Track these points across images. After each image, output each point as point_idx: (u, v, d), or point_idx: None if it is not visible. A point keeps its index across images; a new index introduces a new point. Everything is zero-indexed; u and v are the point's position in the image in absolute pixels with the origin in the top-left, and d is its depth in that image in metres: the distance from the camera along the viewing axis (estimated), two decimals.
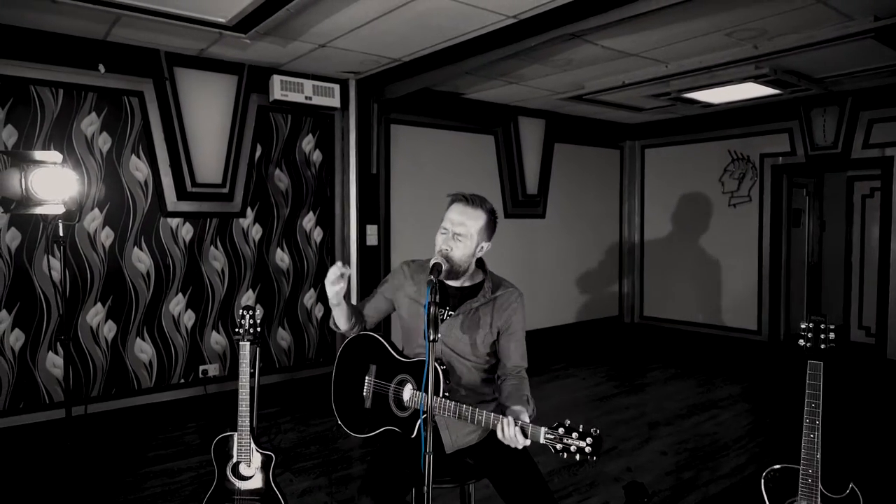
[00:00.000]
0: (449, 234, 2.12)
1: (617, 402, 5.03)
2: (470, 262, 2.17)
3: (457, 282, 2.23)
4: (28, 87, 3.94)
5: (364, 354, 2.29)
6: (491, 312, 2.19)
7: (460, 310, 2.18)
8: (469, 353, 2.18)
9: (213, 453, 2.61)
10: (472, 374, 2.20)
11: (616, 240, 7.87)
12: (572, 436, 1.74)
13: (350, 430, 2.25)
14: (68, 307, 4.13)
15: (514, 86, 5.52)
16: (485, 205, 2.17)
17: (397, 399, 2.16)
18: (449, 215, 2.15)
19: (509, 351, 2.20)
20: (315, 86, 4.91)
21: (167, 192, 4.48)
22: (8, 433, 3.91)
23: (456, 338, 2.17)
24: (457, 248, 2.11)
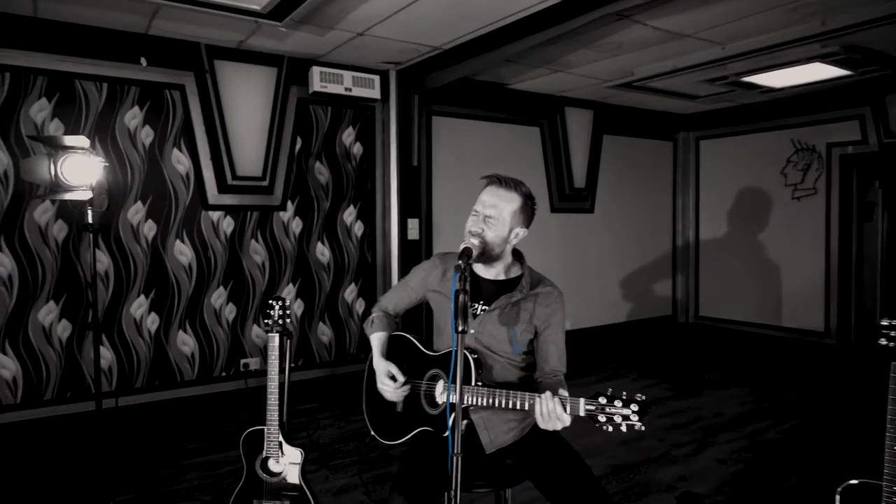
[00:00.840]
0: (479, 216, 1.98)
1: (670, 406, 4.75)
2: (504, 247, 2.02)
3: (491, 273, 2.08)
4: (73, 82, 4.00)
5: (392, 356, 2.17)
6: (531, 308, 2.03)
7: (496, 304, 2.03)
8: (504, 350, 2.03)
9: (242, 448, 2.53)
10: (507, 371, 2.05)
11: (669, 236, 7.53)
12: (615, 404, 1.58)
13: (383, 439, 2.14)
14: (113, 298, 4.17)
15: (560, 74, 5.30)
16: (520, 188, 2.02)
17: (429, 395, 2.03)
18: (481, 197, 2.02)
19: (547, 353, 2.04)
20: (355, 77, 4.83)
21: (208, 185, 4.48)
22: (55, 422, 3.98)
23: (490, 334, 2.02)
24: (488, 229, 1.96)
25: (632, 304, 7.10)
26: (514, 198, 1.99)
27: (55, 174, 2.26)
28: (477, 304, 2.06)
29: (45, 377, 3.97)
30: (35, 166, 2.26)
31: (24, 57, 3.82)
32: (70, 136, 2.32)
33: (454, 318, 1.69)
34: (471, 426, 2.01)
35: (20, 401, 3.89)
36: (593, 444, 3.77)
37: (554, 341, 2.03)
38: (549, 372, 2.02)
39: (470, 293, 2.04)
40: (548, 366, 2.03)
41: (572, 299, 6.52)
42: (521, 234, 2.03)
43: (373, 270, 5.27)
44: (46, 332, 3.97)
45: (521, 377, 2.07)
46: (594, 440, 3.79)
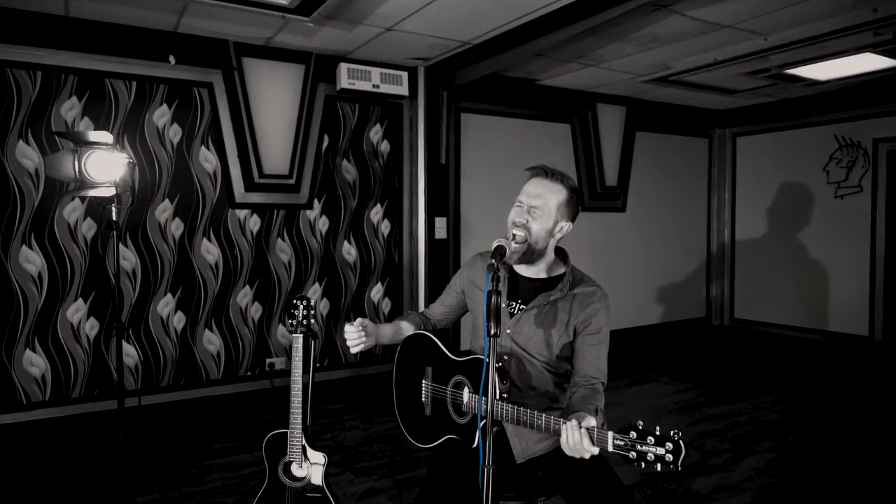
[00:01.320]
0: (524, 207, 1.91)
1: (705, 412, 4.57)
2: (548, 241, 1.93)
3: (532, 272, 1.98)
4: (103, 80, 4.00)
5: (419, 356, 2.09)
6: (569, 309, 1.92)
7: (534, 303, 1.93)
8: (541, 354, 1.92)
9: (265, 451, 2.47)
10: (543, 376, 1.94)
11: (704, 235, 7.30)
12: (647, 440, 1.43)
13: (415, 441, 2.04)
14: (140, 297, 4.18)
15: (592, 69, 5.15)
16: (566, 181, 1.94)
17: (455, 404, 1.93)
18: (525, 188, 1.95)
19: (583, 357, 1.90)
20: (383, 73, 4.76)
21: (235, 184, 4.46)
22: (82, 419, 3.99)
23: (527, 335, 1.92)
24: (533, 220, 1.89)
25: (664, 305, 6.90)
26: (560, 189, 1.91)
27: (79, 170, 2.23)
28: (515, 302, 1.97)
29: (72, 375, 3.99)
30: (60, 163, 2.24)
31: (56, 56, 3.84)
32: (94, 132, 2.30)
33: (486, 320, 1.60)
34: (501, 434, 1.91)
35: (48, 398, 3.91)
36: None
37: (593, 345, 1.90)
38: (583, 379, 1.89)
39: (508, 291, 1.99)
40: (581, 371, 1.90)
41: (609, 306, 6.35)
42: (566, 228, 1.94)
43: (399, 270, 5.20)
44: (74, 329, 3.99)
45: (558, 383, 1.96)
46: None
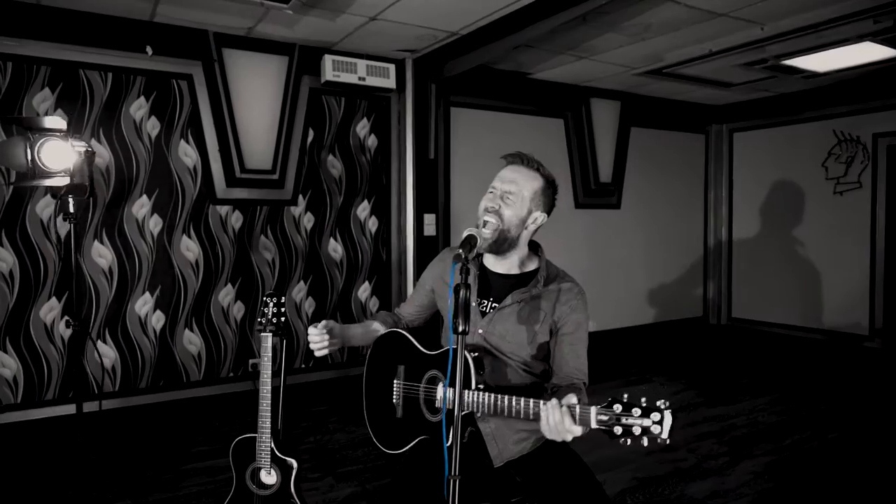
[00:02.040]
0: (497, 192, 1.81)
1: (702, 413, 4.45)
2: (520, 231, 1.81)
3: (503, 266, 1.87)
4: (78, 72, 3.87)
5: (391, 356, 1.96)
6: (545, 306, 1.81)
7: (506, 301, 1.81)
8: (516, 354, 1.81)
9: (232, 456, 2.34)
10: (518, 376, 1.82)
11: (701, 233, 7.17)
12: (632, 412, 1.34)
13: (384, 447, 1.91)
14: (117, 295, 4.04)
15: (585, 61, 5.03)
16: (543, 169, 1.87)
17: (428, 400, 1.81)
18: (500, 174, 1.86)
19: (562, 357, 1.79)
20: (369, 66, 4.63)
21: (216, 179, 4.33)
22: (55, 423, 3.86)
23: (500, 335, 1.81)
24: (506, 206, 1.79)
25: (660, 304, 6.78)
26: (536, 177, 1.84)
27: (32, 159, 2.09)
28: (486, 300, 1.86)
29: (45, 376, 3.86)
30: (11, 150, 2.10)
31: (27, 46, 3.71)
32: (48, 118, 2.17)
33: (451, 316, 1.48)
34: (477, 435, 1.79)
35: (20, 400, 3.78)
36: (617, 453, 3.50)
37: (571, 343, 1.80)
38: (565, 378, 1.78)
39: (478, 289, 1.87)
40: (562, 371, 1.79)
41: (597, 299, 6.22)
42: (541, 220, 1.84)
43: (387, 268, 5.07)
44: (48, 329, 3.85)
45: (535, 384, 1.84)
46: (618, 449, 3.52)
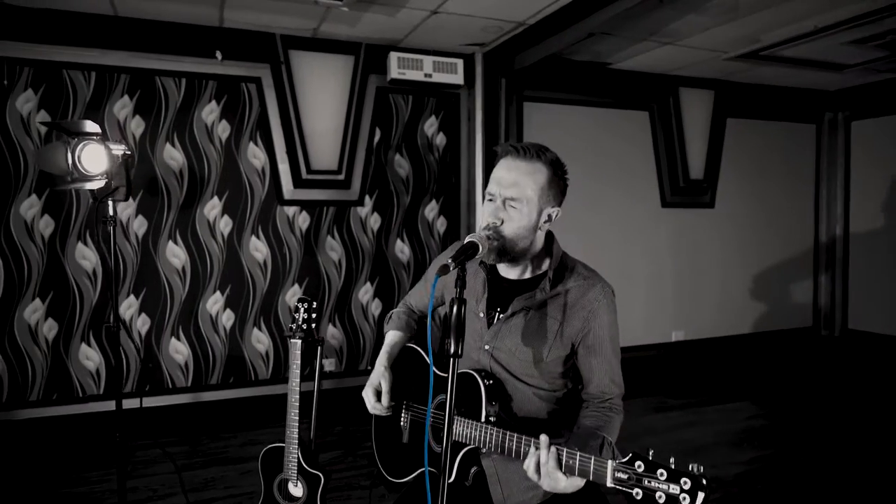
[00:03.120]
0: (498, 200, 1.53)
1: (787, 447, 3.93)
2: (532, 237, 1.56)
3: (515, 271, 1.62)
4: (154, 79, 4.03)
5: (402, 373, 1.78)
6: (558, 312, 1.55)
7: (512, 309, 1.57)
8: (528, 374, 1.56)
9: (261, 465, 2.29)
10: (531, 403, 1.58)
11: (809, 233, 6.44)
12: (657, 474, 1.09)
13: (387, 475, 1.76)
14: (189, 294, 4.18)
15: (670, 48, 4.62)
16: (544, 155, 1.56)
17: (436, 428, 1.61)
18: (495, 174, 1.56)
19: (589, 370, 1.56)
20: (435, 62, 4.50)
21: (284, 180, 4.37)
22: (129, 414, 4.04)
23: (508, 351, 1.57)
24: (510, 219, 1.51)
25: (760, 312, 6.15)
26: (539, 169, 1.54)
27: (73, 163, 2.14)
28: (494, 311, 1.62)
29: (125, 371, 4.04)
30: (52, 155, 2.16)
31: (108, 56, 3.90)
32: (86, 122, 2.21)
33: (453, 336, 1.29)
34: (480, 476, 1.57)
35: (103, 391, 3.97)
36: None
37: (598, 354, 1.54)
38: (595, 393, 1.56)
39: (489, 298, 1.64)
40: (591, 385, 1.56)
41: (686, 306, 5.80)
42: (555, 214, 1.59)
43: None
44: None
45: (553, 412, 1.59)
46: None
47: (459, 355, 1.28)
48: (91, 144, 2.18)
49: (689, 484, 1.05)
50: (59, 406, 3.91)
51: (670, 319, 5.70)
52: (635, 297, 5.50)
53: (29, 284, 3.81)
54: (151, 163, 4.04)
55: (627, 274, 5.44)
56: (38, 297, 3.84)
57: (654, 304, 5.62)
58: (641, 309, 5.54)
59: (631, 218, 5.51)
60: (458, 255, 1.37)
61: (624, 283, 5.43)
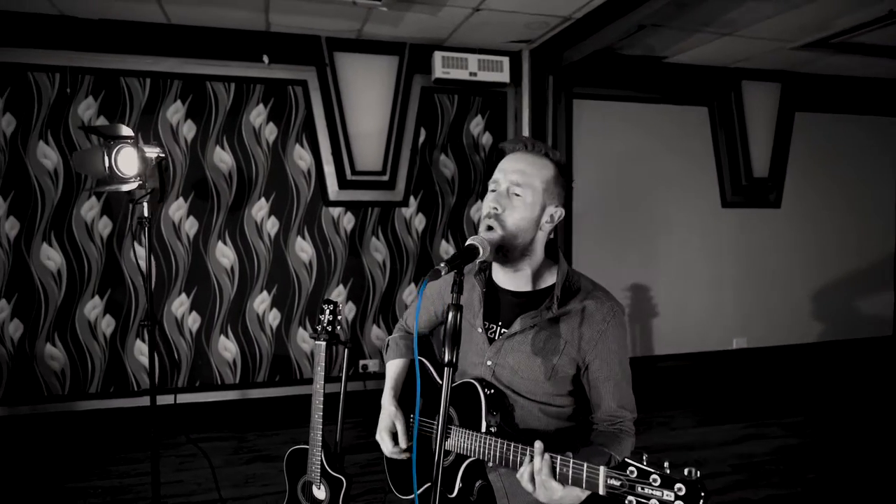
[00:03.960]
0: (501, 188, 1.47)
1: (831, 475, 3.63)
2: (533, 233, 1.47)
3: (514, 282, 1.54)
4: (205, 83, 4.15)
5: (410, 385, 1.73)
6: (563, 333, 1.47)
7: (514, 326, 1.49)
8: (533, 392, 1.49)
9: (286, 466, 2.29)
10: (540, 420, 1.50)
11: (891, 236, 5.96)
12: (651, 481, 1.02)
13: (395, 490, 1.71)
14: (237, 294, 4.28)
15: (728, 39, 4.36)
16: (552, 153, 1.51)
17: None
18: (501, 165, 1.52)
19: (600, 394, 1.47)
20: (481, 60, 4.43)
21: (329, 181, 4.41)
22: (184, 409, 4.18)
23: (512, 369, 1.50)
24: (512, 208, 1.44)
25: (831, 320, 5.73)
26: (546, 164, 1.49)
27: (110, 166, 2.21)
28: (494, 325, 1.54)
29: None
30: (89, 158, 2.24)
31: (162, 62, 4.04)
32: (122, 126, 2.27)
33: (448, 344, 1.23)
34: (487, 491, 1.50)
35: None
36: None
37: (607, 378, 1.46)
38: (605, 417, 1.47)
39: (485, 309, 1.57)
40: (600, 410, 1.47)
41: (747, 311, 5.47)
42: (558, 216, 1.50)
43: None
44: (178, 322, 4.18)
45: (562, 429, 1.51)
46: None
47: (454, 365, 1.22)
48: (126, 148, 2.24)
49: (683, 490, 0.98)
50: (115, 399, 4.08)
51: (731, 326, 5.40)
52: (693, 302, 5.24)
53: (89, 282, 4.00)
54: (202, 165, 4.16)
55: (685, 277, 5.20)
56: (98, 295, 4.03)
57: (714, 309, 5.33)
58: (699, 314, 5.27)
59: (688, 218, 5.26)
60: (454, 258, 1.30)
61: (681, 287, 5.21)
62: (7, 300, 3.88)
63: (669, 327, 5.12)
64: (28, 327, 3.92)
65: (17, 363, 3.91)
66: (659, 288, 5.14)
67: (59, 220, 3.93)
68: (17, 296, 3.89)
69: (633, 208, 5.07)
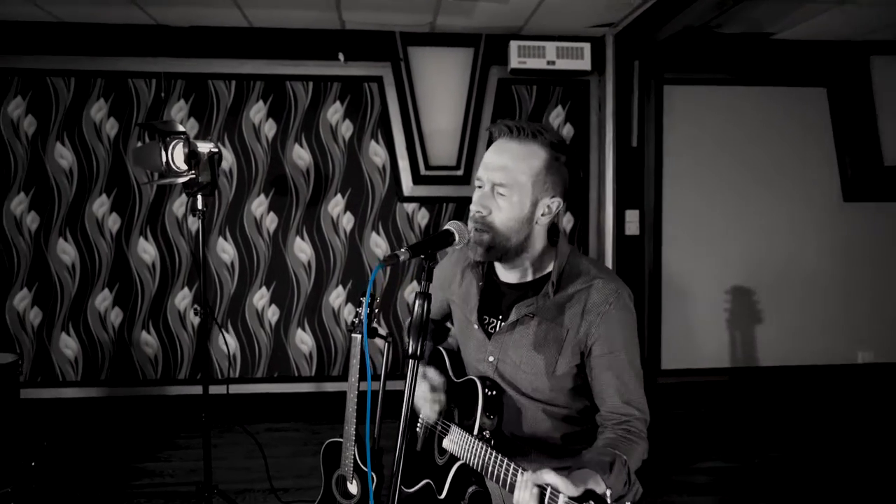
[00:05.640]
0: (486, 186, 1.37)
1: None
2: (527, 232, 1.38)
3: (514, 274, 1.46)
4: (284, 83, 4.28)
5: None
6: (566, 321, 1.37)
7: (512, 317, 1.41)
8: (536, 389, 1.39)
9: (322, 459, 2.26)
10: (542, 422, 1.38)
11: None
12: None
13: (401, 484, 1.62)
14: (314, 288, 4.37)
15: (852, 8, 3.82)
16: (541, 136, 1.37)
17: (442, 438, 1.47)
18: (485, 159, 1.40)
19: (603, 387, 1.35)
20: (559, 47, 4.22)
21: (403, 176, 4.39)
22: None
23: (514, 363, 1.41)
24: (498, 208, 1.34)
25: None
26: (535, 152, 1.35)
27: (167, 160, 2.32)
28: (495, 318, 1.47)
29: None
30: (148, 154, 2.36)
31: (246, 65, 4.21)
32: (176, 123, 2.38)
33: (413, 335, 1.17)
34: (482, 496, 1.36)
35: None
36: None
37: (609, 367, 1.33)
38: (609, 415, 1.34)
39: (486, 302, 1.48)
40: (605, 405, 1.35)
41: (877, 320, 4.76)
42: (556, 207, 1.40)
43: None
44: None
45: (569, 435, 1.37)
46: None
47: (418, 356, 1.14)
48: (181, 143, 2.34)
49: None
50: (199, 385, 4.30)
51: (855, 337, 4.74)
52: (809, 309, 4.64)
53: (178, 274, 4.26)
54: (282, 163, 4.29)
55: (799, 280, 4.65)
56: (186, 286, 4.27)
57: (834, 317, 4.70)
58: (817, 323, 4.66)
59: (802, 214, 4.69)
60: (422, 244, 1.21)
61: (794, 292, 4.65)
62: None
63: (776, 336, 4.57)
64: (126, 314, 4.23)
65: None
66: (763, 291, 4.62)
67: (153, 215, 4.21)
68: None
69: (733, 203, 4.60)
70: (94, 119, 4.13)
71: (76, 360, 4.21)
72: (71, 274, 4.17)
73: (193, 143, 2.38)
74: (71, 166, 4.13)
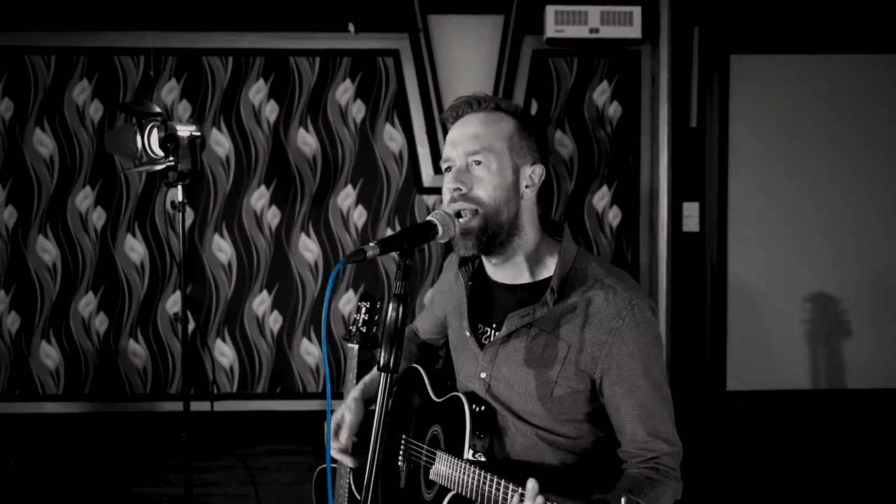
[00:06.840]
0: (457, 162, 1.22)
1: None
2: (516, 205, 1.22)
3: (508, 273, 1.29)
4: (287, 59, 3.83)
5: (404, 400, 1.49)
6: (565, 335, 1.20)
7: (507, 327, 1.24)
8: (533, 413, 1.23)
9: (314, 489, 1.88)
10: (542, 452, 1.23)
11: None
12: None
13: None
14: (321, 292, 3.91)
15: None
16: (504, 103, 1.27)
17: (427, 468, 1.33)
18: (449, 137, 1.27)
19: (620, 417, 1.18)
20: (604, 12, 3.64)
21: (423, 165, 3.89)
22: None
23: (507, 381, 1.25)
24: (479, 181, 1.20)
25: None
26: (502, 117, 1.25)
27: (143, 145, 2.00)
28: (488, 327, 1.32)
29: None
30: (122, 138, 2.08)
31: (245, 38, 3.78)
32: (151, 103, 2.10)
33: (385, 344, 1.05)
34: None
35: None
36: None
37: (628, 395, 1.16)
38: (631, 450, 1.17)
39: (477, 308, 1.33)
40: (625, 437, 1.19)
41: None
42: (538, 175, 1.25)
43: (634, 271, 3.97)
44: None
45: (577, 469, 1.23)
46: None
47: (390, 370, 1.03)
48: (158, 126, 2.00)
49: None
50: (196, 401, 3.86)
51: None
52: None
53: (170, 277, 3.85)
54: (285, 150, 3.85)
55: None
56: (179, 290, 3.83)
57: None
58: None
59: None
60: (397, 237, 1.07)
61: (893, 300, 3.94)
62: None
63: (869, 353, 3.91)
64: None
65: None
66: (853, 300, 3.92)
67: (142, 209, 3.79)
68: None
69: (815, 194, 3.94)
70: (77, 101, 3.75)
71: (57, 372, 3.81)
72: (52, 275, 3.78)
73: (171, 125, 2.12)
74: (51, 154, 3.75)
